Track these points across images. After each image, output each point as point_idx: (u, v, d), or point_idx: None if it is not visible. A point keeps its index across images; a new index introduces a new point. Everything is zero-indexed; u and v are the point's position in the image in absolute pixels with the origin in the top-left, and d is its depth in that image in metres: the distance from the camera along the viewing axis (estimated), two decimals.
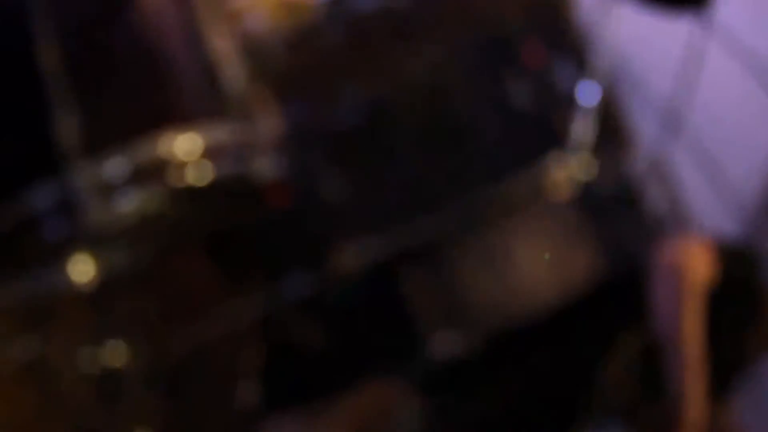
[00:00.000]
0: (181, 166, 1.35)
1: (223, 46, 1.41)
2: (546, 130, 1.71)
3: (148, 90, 1.37)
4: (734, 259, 1.50)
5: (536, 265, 1.79)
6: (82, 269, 1.46)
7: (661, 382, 1.48)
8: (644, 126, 1.69)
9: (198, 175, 1.36)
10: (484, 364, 1.78)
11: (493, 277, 1.80)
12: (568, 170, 1.62)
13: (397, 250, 1.75)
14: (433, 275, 1.81)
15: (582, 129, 1.60)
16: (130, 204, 1.35)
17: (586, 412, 1.64)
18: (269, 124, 1.47)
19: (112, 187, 1.32)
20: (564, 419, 1.69)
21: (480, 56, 1.79)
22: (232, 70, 1.41)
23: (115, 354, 1.56)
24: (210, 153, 1.36)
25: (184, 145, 1.34)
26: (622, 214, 1.74)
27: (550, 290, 1.79)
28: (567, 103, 1.72)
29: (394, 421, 1.75)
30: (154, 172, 1.33)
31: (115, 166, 1.33)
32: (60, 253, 1.43)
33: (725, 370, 1.48)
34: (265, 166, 1.44)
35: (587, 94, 1.66)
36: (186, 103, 1.38)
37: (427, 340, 1.79)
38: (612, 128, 1.71)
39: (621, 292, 1.77)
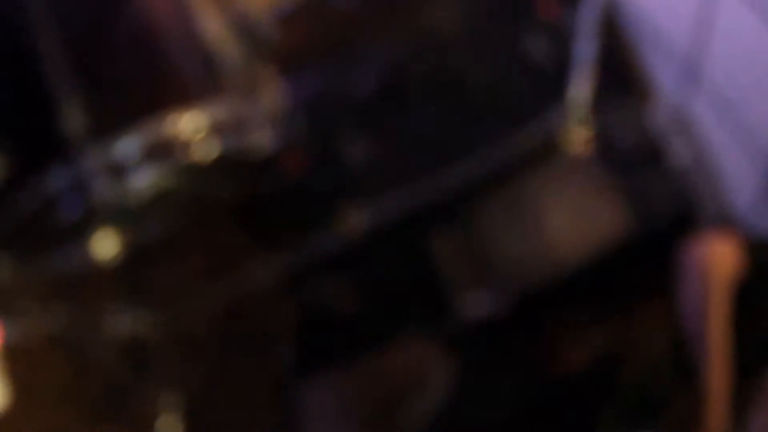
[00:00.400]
0: (188, 143, 1.36)
1: (217, 27, 1.42)
2: (562, 82, 1.70)
3: (148, 72, 1.38)
4: (762, 251, 1.49)
5: (563, 221, 1.79)
6: (106, 244, 1.49)
7: (691, 377, 1.50)
8: (663, 76, 1.67)
9: (204, 151, 1.37)
10: (516, 322, 1.80)
11: (521, 235, 1.80)
12: (575, 121, 1.61)
13: (422, 209, 1.76)
14: (462, 235, 1.82)
15: (586, 78, 1.59)
16: (142, 182, 1.38)
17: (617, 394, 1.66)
18: (270, 97, 1.47)
19: (122, 167, 1.34)
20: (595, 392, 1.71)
21: (494, 9, 1.77)
22: (228, 48, 1.41)
23: (143, 321, 1.59)
24: (214, 129, 1.38)
25: (189, 123, 1.36)
26: (646, 168, 1.74)
27: (579, 246, 1.80)
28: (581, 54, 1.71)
29: (427, 380, 1.78)
30: (162, 150, 1.35)
31: (124, 146, 1.34)
32: (82, 230, 1.45)
33: (757, 354, 1.49)
34: (269, 138, 1.45)
35: (590, 43, 1.65)
36: (185, 83, 1.39)
37: (457, 299, 1.80)
38: (631, 80, 1.69)
39: (648, 247, 1.78)
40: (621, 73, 1.69)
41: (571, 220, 1.76)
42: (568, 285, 1.76)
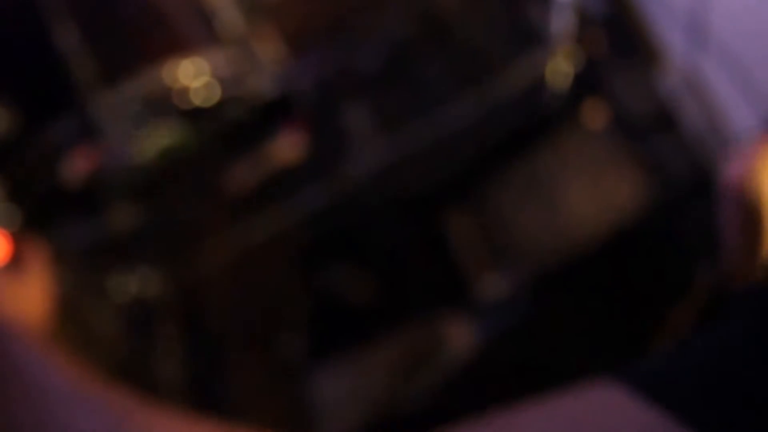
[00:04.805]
0: (186, 90, 1.37)
1: None
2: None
3: (148, 26, 1.40)
4: None
5: (580, 195, 1.76)
6: (117, 212, 1.49)
7: None
8: (669, 38, 1.66)
9: (203, 99, 1.38)
10: (535, 303, 1.76)
11: (537, 212, 1.77)
12: (555, 62, 1.59)
13: (434, 189, 1.75)
14: (477, 215, 1.80)
15: (562, 21, 1.58)
16: (148, 131, 1.38)
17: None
18: (268, 50, 1.49)
19: (128, 114, 1.35)
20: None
21: None
22: (227, 8, 1.44)
23: (150, 288, 1.58)
24: (212, 77, 1.39)
25: (187, 71, 1.37)
26: (659, 134, 1.71)
27: (598, 221, 1.77)
28: (595, 28, 1.71)
29: (442, 350, 1.74)
30: (165, 97, 1.36)
31: (128, 94, 1.35)
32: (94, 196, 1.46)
33: None
34: (266, 89, 1.46)
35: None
36: (183, 34, 1.40)
37: (474, 282, 1.77)
38: (639, 44, 1.68)
39: (667, 216, 1.74)
40: (628, 38, 1.68)
41: (588, 194, 1.73)
42: (589, 261, 1.73)
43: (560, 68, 1.59)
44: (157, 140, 1.43)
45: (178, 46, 1.41)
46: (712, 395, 0.67)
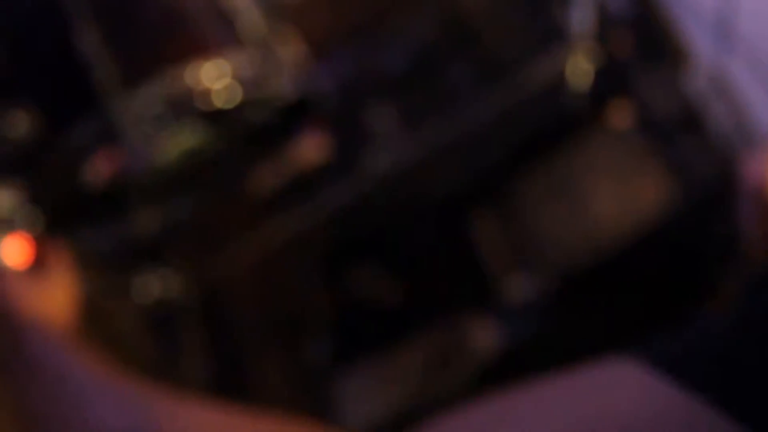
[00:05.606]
0: (208, 92, 1.37)
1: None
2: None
3: (170, 28, 1.40)
4: None
5: (605, 197, 1.75)
6: (140, 215, 1.49)
7: None
8: (697, 39, 1.65)
9: (227, 100, 1.38)
10: (561, 304, 1.75)
11: (562, 214, 1.76)
12: (575, 60, 1.58)
13: (459, 190, 1.74)
14: (502, 216, 1.79)
15: (582, 16, 1.57)
16: (169, 133, 1.38)
17: None
18: (289, 52, 1.48)
19: (149, 116, 1.35)
20: None
21: None
22: (246, 4, 1.43)
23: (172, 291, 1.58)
24: (234, 79, 1.38)
25: (209, 74, 1.37)
26: (686, 135, 1.70)
27: (623, 223, 1.76)
28: (620, 28, 1.70)
29: (468, 359, 1.73)
30: (186, 99, 1.35)
31: (149, 96, 1.35)
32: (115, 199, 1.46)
33: None
34: (288, 91, 1.45)
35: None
36: (205, 37, 1.40)
37: (499, 284, 1.77)
38: (666, 45, 1.67)
39: (695, 219, 1.73)
40: (654, 38, 1.67)
41: (614, 195, 1.72)
42: (616, 262, 1.71)
43: (581, 66, 1.58)
44: (179, 142, 1.43)
45: (199, 48, 1.41)
46: (732, 370, 0.66)
